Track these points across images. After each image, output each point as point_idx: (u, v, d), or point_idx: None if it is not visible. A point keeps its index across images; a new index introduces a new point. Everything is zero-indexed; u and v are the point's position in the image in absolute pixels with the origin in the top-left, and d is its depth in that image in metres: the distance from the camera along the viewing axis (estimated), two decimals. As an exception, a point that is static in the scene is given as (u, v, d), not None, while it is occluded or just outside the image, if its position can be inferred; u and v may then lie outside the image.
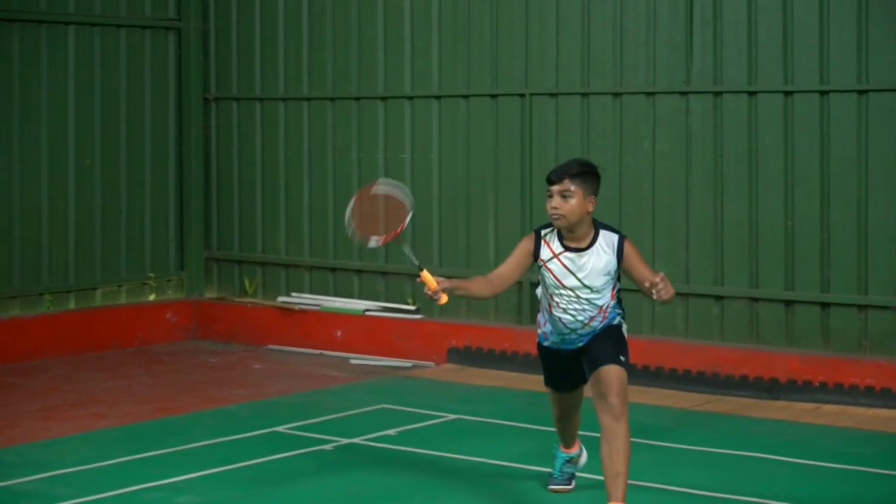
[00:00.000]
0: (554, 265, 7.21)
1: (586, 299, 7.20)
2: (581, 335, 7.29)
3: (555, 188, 7.11)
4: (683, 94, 11.56)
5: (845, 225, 10.88)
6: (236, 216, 14.41)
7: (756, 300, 11.29)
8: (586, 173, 7.14)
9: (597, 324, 7.26)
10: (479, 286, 7.24)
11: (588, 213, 7.14)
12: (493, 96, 12.59)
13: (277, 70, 14.03)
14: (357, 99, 13.42)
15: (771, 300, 11.21)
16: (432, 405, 10.58)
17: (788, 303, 11.16)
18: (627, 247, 7.18)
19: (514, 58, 12.48)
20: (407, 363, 12.61)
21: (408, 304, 13.09)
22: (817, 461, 8.86)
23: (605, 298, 7.22)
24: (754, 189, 11.27)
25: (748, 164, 11.29)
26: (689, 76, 11.57)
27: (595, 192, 7.15)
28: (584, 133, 11.97)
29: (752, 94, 11.25)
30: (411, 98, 13.08)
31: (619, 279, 7.30)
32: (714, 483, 8.25)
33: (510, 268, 7.30)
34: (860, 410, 10.39)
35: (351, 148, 13.48)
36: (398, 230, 7.26)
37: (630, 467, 6.98)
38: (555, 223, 7.14)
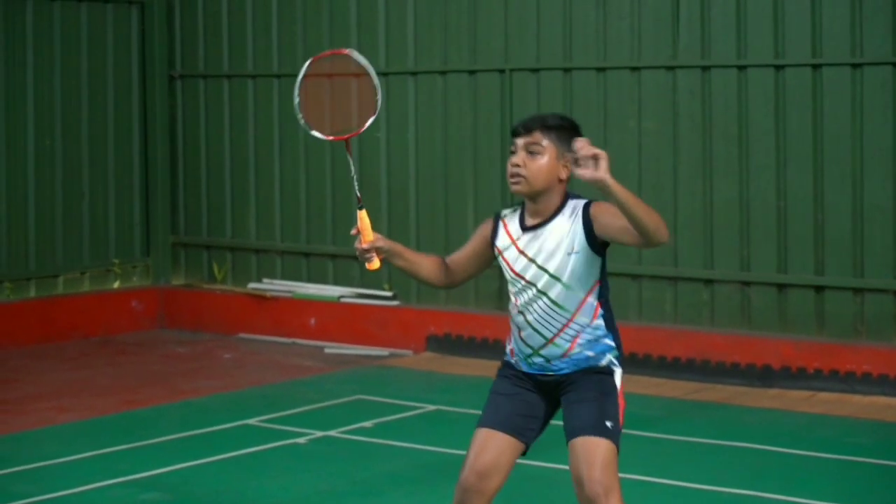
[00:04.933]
0: (510, 254, 5.57)
1: (548, 298, 5.45)
2: (549, 360, 5.51)
3: (520, 141, 5.46)
4: (670, 68, 11.52)
5: (840, 204, 10.83)
6: (204, 199, 14.33)
7: (748, 284, 11.23)
8: (565, 129, 5.48)
9: (566, 345, 5.48)
10: (431, 267, 5.72)
11: (560, 180, 5.45)
12: (472, 72, 12.53)
13: (246, 46, 13.94)
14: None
15: (763, 284, 11.15)
16: (410, 396, 10.54)
17: (781, 286, 11.09)
18: (595, 206, 5.40)
19: (493, 31, 12.41)
20: (384, 352, 12.54)
21: (384, 290, 13.02)
22: (813, 452, 8.80)
23: (575, 298, 5.45)
24: (745, 168, 11.20)
25: (738, 142, 11.23)
26: (676, 50, 11.50)
27: (573, 156, 5.27)
28: (566, 110, 11.86)
29: (741, 68, 11.18)
30: (386, 74, 12.99)
31: (603, 279, 5.52)
32: (705, 475, 8.18)
33: (464, 256, 5.76)
34: (857, 398, 10.35)
35: (324, 127, 13.25)
36: (356, 131, 5.72)
37: None
38: (513, 188, 5.45)
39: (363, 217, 5.54)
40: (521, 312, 5.52)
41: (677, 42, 11.41)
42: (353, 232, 5.59)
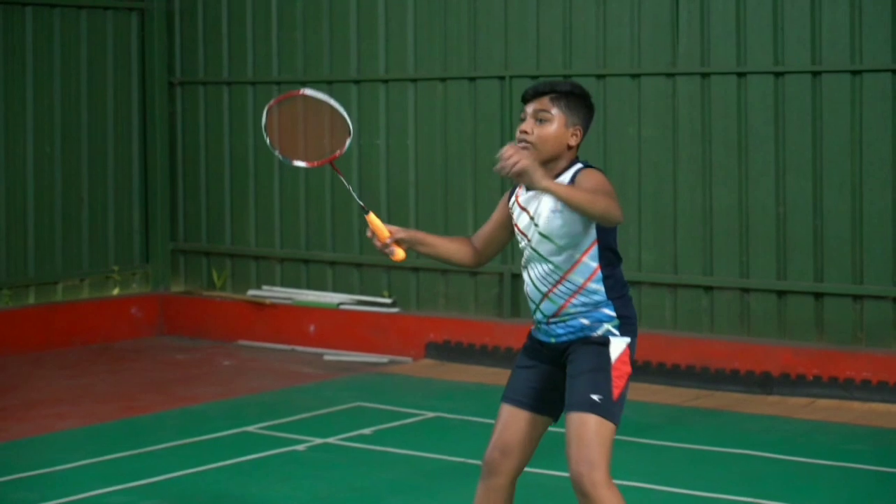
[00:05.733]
0: (516, 211, 5.66)
1: (543, 256, 5.51)
2: (547, 320, 5.58)
3: (529, 108, 5.51)
4: (669, 75, 11.49)
5: (839, 211, 10.79)
6: (204, 206, 14.27)
7: (747, 291, 11.19)
8: (575, 96, 5.53)
9: (560, 301, 5.52)
10: (457, 248, 5.77)
11: (568, 147, 5.50)
12: (472, 79, 12.48)
13: (245, 52, 13.90)
14: (329, 82, 13.25)
15: (762, 290, 11.11)
16: (410, 403, 10.49)
17: (781, 293, 11.05)
18: (583, 174, 5.45)
19: (493, 39, 12.38)
20: (383, 359, 12.47)
21: (384, 296, 12.96)
22: (812, 458, 8.76)
23: (568, 256, 5.48)
24: (744, 175, 11.16)
25: (737, 149, 11.19)
26: (676, 57, 11.46)
27: (583, 124, 5.53)
28: (566, 117, 11.66)
29: (741, 75, 11.15)
30: (386, 81, 12.94)
31: (604, 243, 5.53)
32: (704, 482, 8.15)
33: (491, 224, 5.79)
34: (856, 405, 10.31)
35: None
36: (335, 153, 5.76)
37: None
38: None
39: (372, 220, 5.60)
40: (524, 267, 5.63)
41: (677, 49, 11.37)
42: (369, 234, 5.64)
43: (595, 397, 5.36)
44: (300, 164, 5.83)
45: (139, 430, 9.69)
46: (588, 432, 5.31)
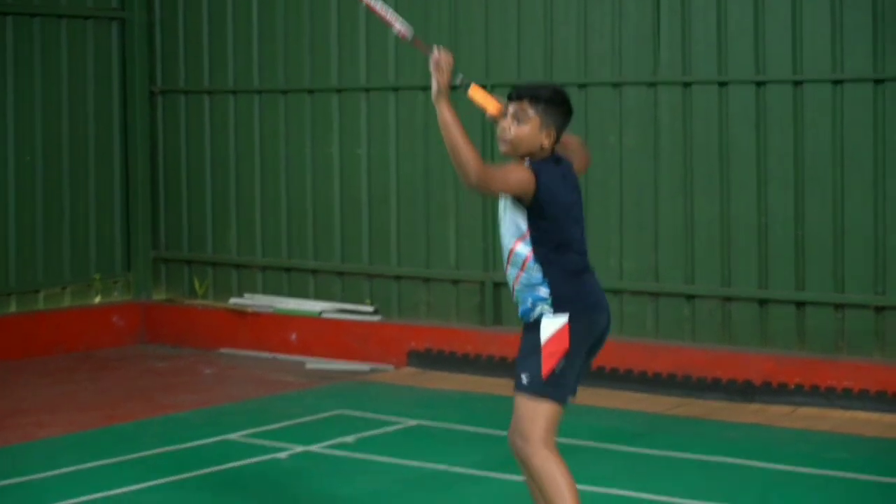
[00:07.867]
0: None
1: (502, 235, 6.09)
2: (513, 292, 6.07)
3: (511, 108, 6.05)
4: (651, 85, 11.47)
5: (821, 220, 10.79)
6: (185, 214, 14.25)
7: (728, 299, 11.19)
8: (553, 102, 6.01)
9: (511, 279, 6.00)
10: None
11: (542, 147, 5.98)
12: (454, 88, 12.22)
13: (226, 61, 13.88)
14: (310, 91, 13.25)
15: (744, 299, 11.11)
16: (391, 411, 10.45)
17: (762, 302, 11.05)
18: (511, 165, 6.01)
19: (474, 47, 12.38)
20: (365, 367, 12.45)
21: (365, 305, 12.93)
22: (793, 466, 8.75)
23: (509, 237, 5.97)
24: (726, 184, 11.17)
25: (719, 158, 11.19)
26: (657, 66, 11.46)
27: (557, 126, 6.00)
28: (547, 126, 11.67)
29: (722, 84, 11.15)
30: (367, 90, 12.97)
31: (537, 233, 5.93)
32: (686, 490, 8.13)
33: None
34: (837, 413, 10.30)
35: (304, 143, 13.24)
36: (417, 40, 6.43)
37: None
38: (500, 147, 6.08)
39: (476, 94, 6.41)
40: None
41: (658, 58, 11.38)
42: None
43: (523, 378, 5.90)
44: (402, 28, 6.46)
45: (121, 438, 9.65)
46: (518, 409, 5.88)
